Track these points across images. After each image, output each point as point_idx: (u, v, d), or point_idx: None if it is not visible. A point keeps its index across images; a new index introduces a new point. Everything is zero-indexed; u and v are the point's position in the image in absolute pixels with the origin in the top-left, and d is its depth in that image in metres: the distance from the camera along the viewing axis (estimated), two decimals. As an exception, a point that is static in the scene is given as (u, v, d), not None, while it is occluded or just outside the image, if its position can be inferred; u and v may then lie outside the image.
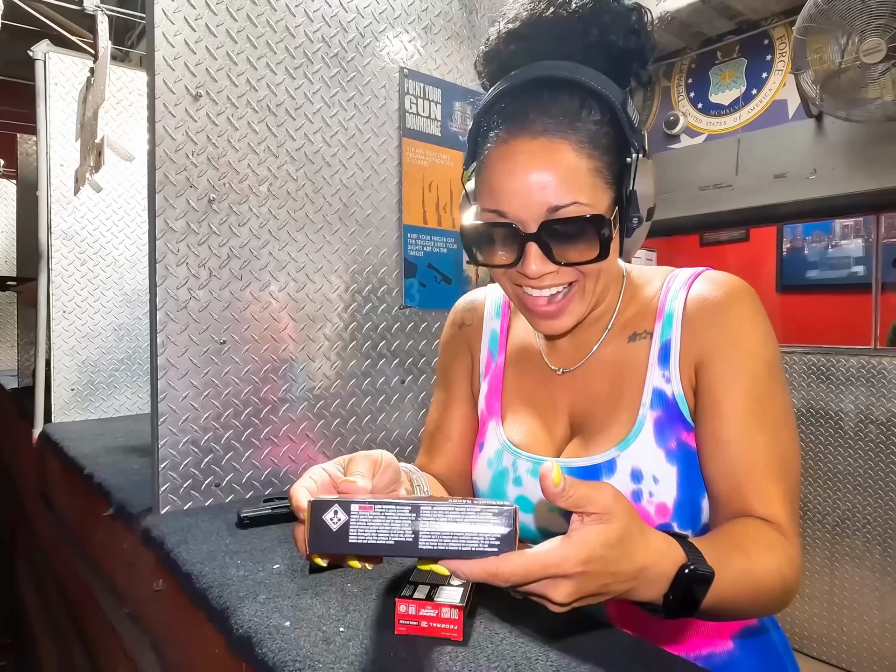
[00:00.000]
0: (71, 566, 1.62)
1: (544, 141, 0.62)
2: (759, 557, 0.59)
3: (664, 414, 0.69)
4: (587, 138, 0.62)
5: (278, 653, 0.64)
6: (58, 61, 2.06)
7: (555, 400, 0.78)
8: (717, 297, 0.69)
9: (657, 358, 0.70)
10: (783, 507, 0.63)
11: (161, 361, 1.07)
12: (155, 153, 1.06)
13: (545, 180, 0.61)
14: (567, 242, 0.63)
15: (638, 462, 0.68)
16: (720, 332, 0.67)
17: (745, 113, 2.82)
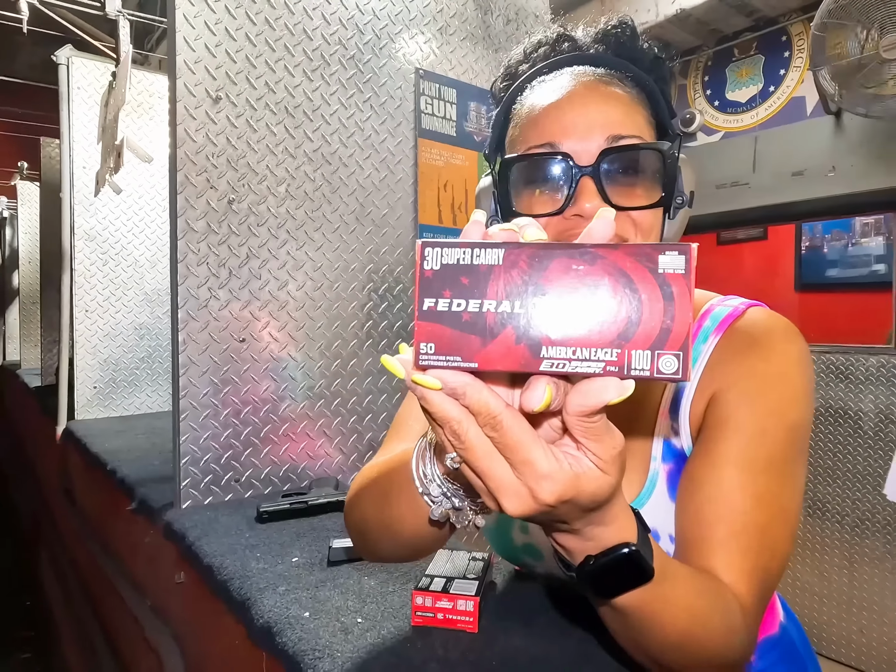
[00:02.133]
0: (93, 559, 1.66)
1: (601, 83, 0.59)
2: (710, 602, 0.51)
3: (675, 467, 0.63)
4: (640, 98, 0.60)
5: (298, 642, 0.66)
6: (80, 66, 2.10)
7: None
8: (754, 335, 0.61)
9: (668, 407, 0.64)
10: (746, 581, 0.53)
11: (182, 359, 1.10)
12: (176, 155, 1.08)
13: (606, 110, 0.57)
14: (626, 183, 0.57)
15: (654, 522, 0.61)
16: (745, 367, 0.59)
17: (763, 110, 2.79)
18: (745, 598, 0.53)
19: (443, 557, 0.75)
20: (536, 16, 1.61)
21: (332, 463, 1.28)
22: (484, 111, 1.51)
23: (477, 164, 1.50)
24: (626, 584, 0.44)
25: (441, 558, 0.75)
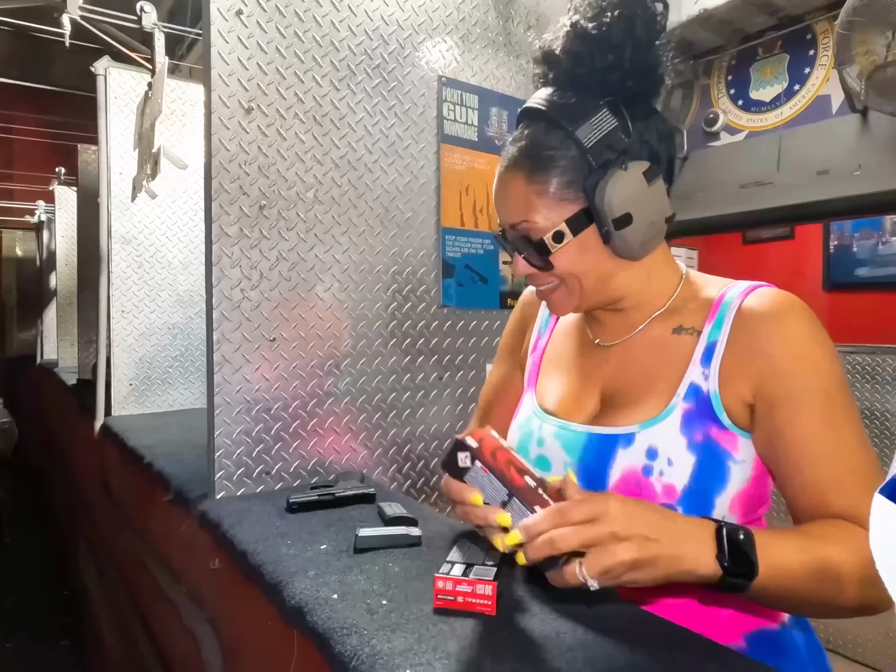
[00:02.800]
0: (130, 549, 1.74)
1: (506, 171, 0.77)
2: (828, 544, 0.62)
3: (696, 408, 0.72)
4: (539, 165, 0.73)
5: (327, 621, 0.71)
6: (117, 76, 2.19)
7: (590, 371, 0.85)
8: (771, 311, 0.71)
9: (701, 356, 0.74)
10: (865, 500, 0.64)
11: (217, 357, 1.15)
12: (211, 164, 1.14)
13: (504, 204, 0.78)
14: (524, 251, 0.77)
15: (656, 442, 0.72)
16: (780, 349, 0.69)
17: (787, 109, 2.78)
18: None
19: (464, 545, 0.80)
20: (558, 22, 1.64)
21: (357, 457, 1.33)
22: (505, 116, 1.54)
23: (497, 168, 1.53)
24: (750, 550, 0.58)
25: (462, 546, 0.79)
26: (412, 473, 1.43)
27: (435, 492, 1.46)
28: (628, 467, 0.73)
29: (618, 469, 0.74)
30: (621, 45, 0.69)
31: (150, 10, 1.83)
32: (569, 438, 0.80)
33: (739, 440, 0.71)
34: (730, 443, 0.71)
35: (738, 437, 0.71)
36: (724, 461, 0.71)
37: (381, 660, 0.62)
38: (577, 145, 0.71)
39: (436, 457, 1.45)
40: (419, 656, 0.62)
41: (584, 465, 0.77)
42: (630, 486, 0.72)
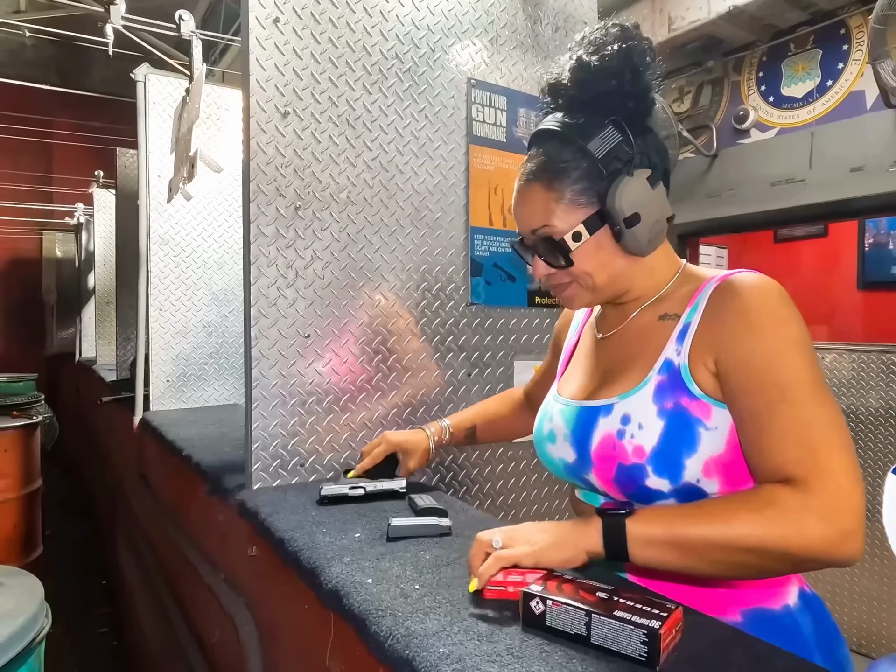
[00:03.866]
0: (168, 538, 1.80)
1: (525, 184, 0.88)
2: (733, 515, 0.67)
3: (668, 380, 0.80)
4: (556, 176, 0.84)
5: (363, 604, 0.74)
6: (156, 82, 2.27)
7: (595, 360, 0.97)
8: (737, 289, 0.78)
9: (676, 336, 0.82)
10: (804, 465, 0.67)
11: (254, 353, 1.20)
12: (249, 166, 1.19)
13: (525, 212, 0.88)
14: (544, 254, 0.87)
15: (630, 410, 0.82)
16: (731, 318, 0.76)
17: (820, 105, 2.74)
18: (811, 478, 0.66)
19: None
20: (585, 22, 1.66)
21: (388, 452, 1.37)
22: (533, 117, 1.56)
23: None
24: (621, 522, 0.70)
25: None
26: (441, 468, 1.46)
27: (463, 486, 1.49)
28: (606, 432, 0.83)
29: (598, 434, 0.84)
30: (621, 72, 0.80)
31: (188, 18, 1.89)
32: (567, 413, 0.92)
33: (713, 409, 0.77)
34: (702, 411, 0.77)
35: (712, 407, 0.77)
36: (693, 426, 0.77)
37: (415, 640, 0.65)
38: (589, 157, 0.82)
39: (464, 451, 1.48)
40: (452, 637, 0.65)
41: (575, 434, 0.89)
42: (606, 448, 0.83)
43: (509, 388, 1.54)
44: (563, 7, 1.62)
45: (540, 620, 0.65)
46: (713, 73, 3.16)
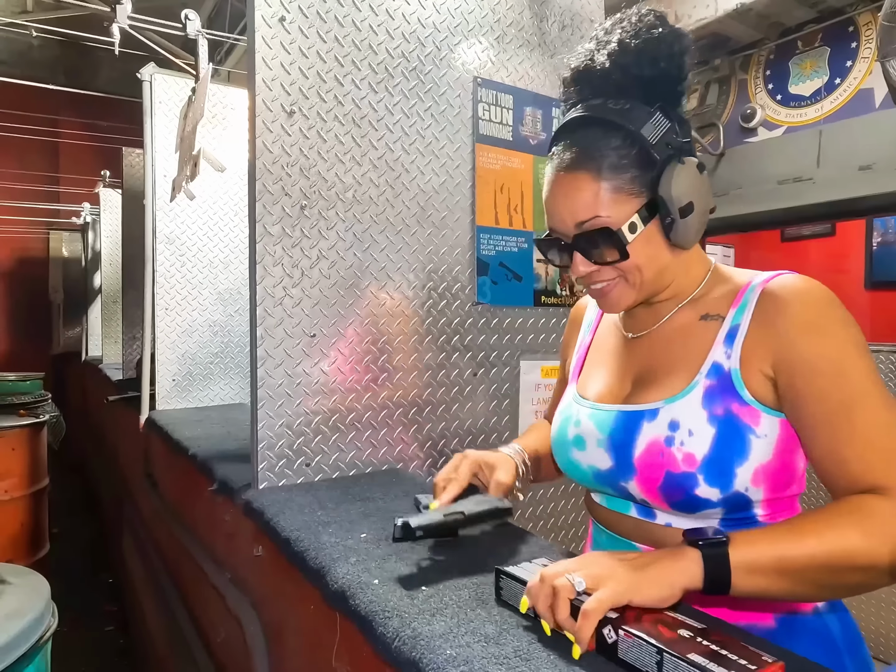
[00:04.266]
0: (174, 538, 1.80)
1: (570, 175, 0.80)
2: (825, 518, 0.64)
3: (717, 384, 0.77)
4: (606, 164, 0.77)
5: (369, 604, 0.74)
6: (161, 81, 2.27)
7: (623, 361, 0.92)
8: (789, 291, 0.75)
9: (724, 338, 0.79)
10: (890, 472, 0.66)
11: (260, 352, 1.20)
12: (255, 166, 1.18)
13: (569, 203, 0.80)
14: (595, 248, 0.80)
15: (678, 415, 0.77)
16: (792, 323, 0.73)
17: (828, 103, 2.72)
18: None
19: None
20: (591, 20, 1.65)
21: (393, 452, 1.36)
22: (540, 116, 1.56)
23: (532, 166, 1.55)
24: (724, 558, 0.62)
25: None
26: (447, 468, 1.45)
27: (469, 486, 1.48)
28: (652, 438, 0.79)
29: (643, 440, 0.79)
30: (670, 55, 0.77)
31: (194, 17, 1.89)
32: (601, 417, 0.87)
33: (762, 416, 0.75)
34: (751, 417, 0.75)
35: (761, 413, 0.75)
36: (744, 434, 0.74)
37: (422, 641, 0.65)
38: (641, 143, 0.77)
39: (470, 452, 1.48)
40: (458, 638, 0.65)
41: (613, 439, 0.84)
42: (653, 455, 0.78)
43: (515, 388, 1.54)
44: (569, 5, 1.61)
45: (612, 651, 0.59)
46: (720, 71, 3.14)
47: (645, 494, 0.80)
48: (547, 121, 1.57)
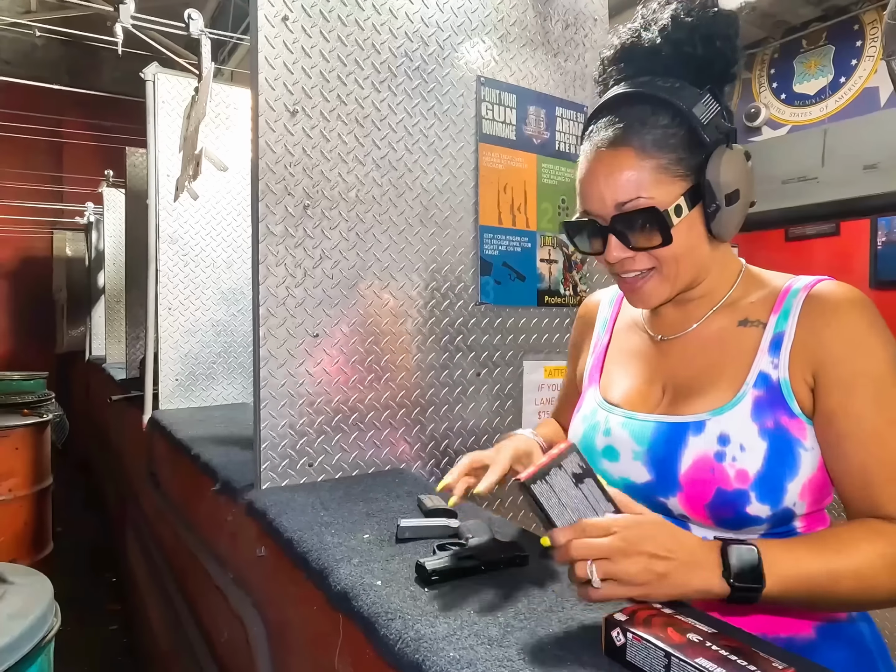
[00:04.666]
0: (177, 537, 1.80)
1: (612, 151, 0.75)
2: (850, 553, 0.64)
3: (766, 395, 0.74)
4: (652, 142, 0.73)
5: (372, 606, 0.73)
6: (165, 81, 2.27)
7: (652, 364, 0.87)
8: (836, 301, 0.73)
9: (768, 345, 0.75)
10: None
11: (262, 352, 1.20)
12: (258, 165, 1.18)
13: (611, 182, 0.75)
14: (635, 231, 0.75)
15: (728, 428, 0.74)
16: (837, 336, 0.71)
17: (833, 102, 2.71)
18: None
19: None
20: (595, 19, 1.64)
21: (396, 452, 1.36)
22: (543, 115, 1.55)
23: (535, 166, 1.54)
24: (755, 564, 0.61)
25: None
26: (449, 467, 1.44)
27: (472, 487, 1.48)
28: (700, 453, 0.74)
29: (689, 455, 0.75)
30: (727, 36, 0.74)
31: (197, 17, 1.89)
32: (637, 427, 0.82)
33: (807, 428, 0.73)
34: (799, 430, 0.72)
35: (807, 425, 0.73)
36: (794, 448, 0.72)
37: (425, 643, 0.64)
38: (691, 123, 0.73)
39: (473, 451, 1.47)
40: (462, 641, 0.64)
41: (654, 452, 0.79)
42: (703, 472, 0.74)
43: (519, 388, 1.54)
44: (573, 4, 1.60)
45: (620, 653, 0.59)
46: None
47: (689, 511, 0.76)
48: (550, 120, 1.57)
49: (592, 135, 0.78)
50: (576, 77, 1.62)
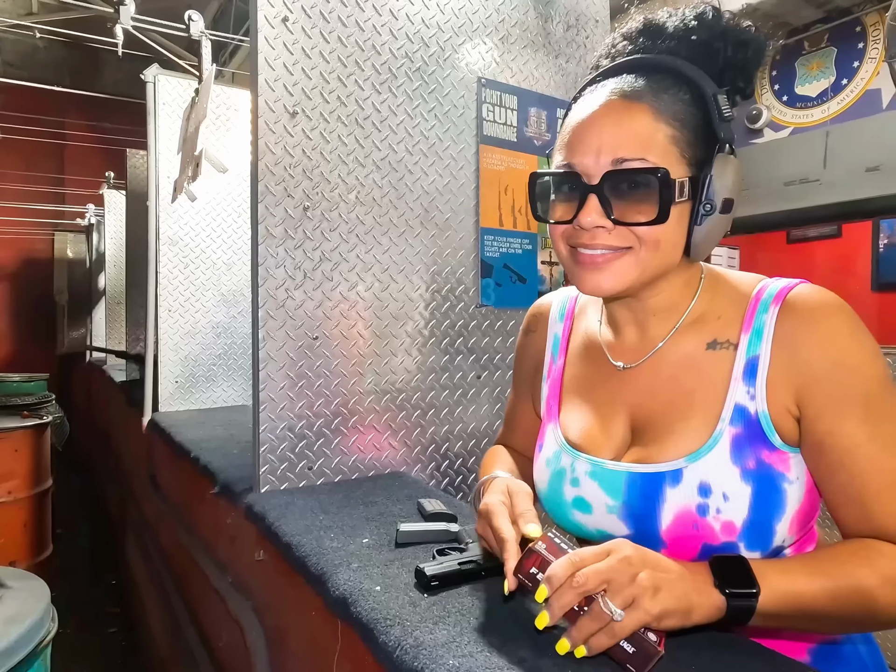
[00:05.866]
0: (177, 540, 1.80)
1: (625, 101, 0.67)
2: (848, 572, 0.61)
3: (744, 431, 0.67)
4: (671, 110, 0.66)
5: (371, 612, 0.73)
6: (165, 83, 2.27)
7: (615, 397, 0.78)
8: (810, 315, 0.66)
9: (742, 372, 0.68)
10: None
11: (262, 355, 1.19)
12: (258, 167, 1.18)
13: (617, 133, 0.65)
14: (626, 199, 0.65)
15: (708, 476, 0.67)
16: (818, 355, 0.65)
17: (835, 104, 2.70)
18: None
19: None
20: (597, 21, 1.64)
21: (396, 455, 1.35)
22: (544, 116, 1.54)
23: (537, 168, 1.54)
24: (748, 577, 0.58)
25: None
26: (450, 471, 1.44)
27: (472, 490, 1.47)
28: (681, 507, 0.68)
29: (669, 510, 0.68)
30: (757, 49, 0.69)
31: (198, 18, 1.89)
32: (607, 478, 0.73)
33: (791, 458, 0.68)
34: (782, 463, 0.67)
35: (790, 456, 0.67)
36: (779, 485, 0.67)
37: (424, 650, 0.63)
38: (711, 110, 0.67)
39: (474, 455, 1.46)
40: (461, 648, 0.64)
41: (630, 508, 0.71)
42: (686, 528, 0.68)
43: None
44: (574, 5, 1.60)
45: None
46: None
47: None
48: (552, 121, 1.56)
49: (606, 84, 0.69)
50: (577, 78, 1.61)
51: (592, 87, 0.71)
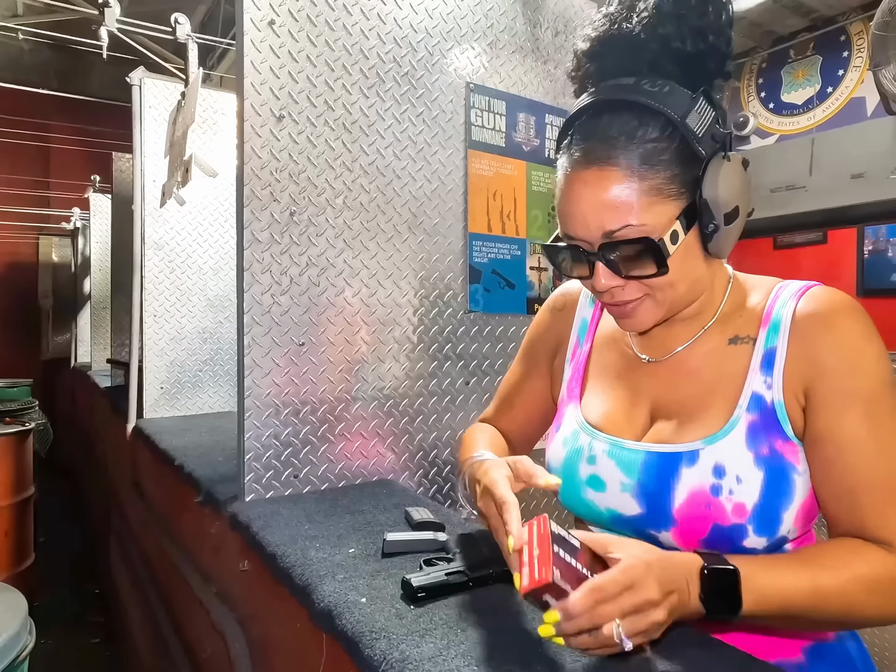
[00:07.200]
0: (161, 549, 1.76)
1: (596, 170, 0.66)
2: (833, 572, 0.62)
3: (760, 419, 0.69)
4: (641, 159, 0.65)
5: (356, 624, 0.71)
6: (151, 86, 2.25)
7: (638, 386, 0.80)
8: (827, 313, 0.69)
9: (759, 363, 0.71)
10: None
11: (247, 361, 1.17)
12: (244, 171, 1.16)
13: (597, 207, 0.67)
14: (629, 259, 0.68)
15: (723, 459, 0.69)
16: (831, 351, 0.67)
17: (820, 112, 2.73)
18: None
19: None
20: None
21: (384, 462, 1.34)
22: (533, 122, 1.54)
23: (525, 173, 1.53)
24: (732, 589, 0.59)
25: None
26: (438, 479, 1.43)
27: (461, 497, 1.46)
28: (695, 487, 0.69)
29: (683, 489, 0.70)
30: (719, 28, 0.66)
31: (184, 21, 1.87)
32: (624, 457, 0.76)
33: (800, 451, 0.69)
34: (793, 455, 0.69)
35: (799, 448, 0.69)
36: (789, 475, 0.69)
37: (410, 665, 0.62)
38: (685, 135, 0.65)
39: (462, 462, 1.45)
40: (448, 662, 0.62)
41: (644, 485, 0.73)
42: (698, 508, 0.69)
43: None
44: (563, 11, 1.60)
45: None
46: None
47: (682, 545, 0.71)
48: (540, 127, 1.56)
49: (571, 149, 0.69)
50: (566, 84, 1.61)
51: (565, 143, 0.71)
